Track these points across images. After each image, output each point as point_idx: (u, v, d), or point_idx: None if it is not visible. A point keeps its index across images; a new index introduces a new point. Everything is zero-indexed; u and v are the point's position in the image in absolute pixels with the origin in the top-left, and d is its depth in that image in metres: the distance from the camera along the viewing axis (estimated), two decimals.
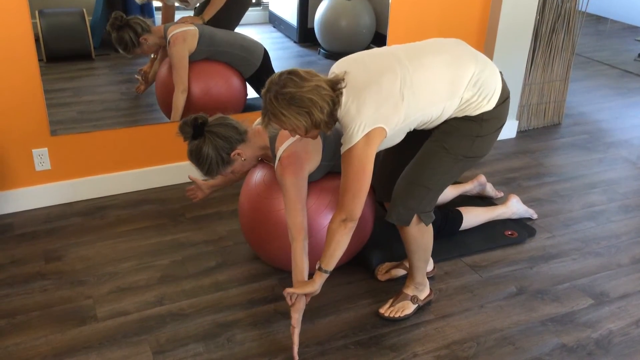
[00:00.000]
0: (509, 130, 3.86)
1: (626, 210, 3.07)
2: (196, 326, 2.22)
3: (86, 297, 2.35)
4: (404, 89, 1.90)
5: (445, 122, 2.05)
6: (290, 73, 1.85)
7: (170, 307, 2.31)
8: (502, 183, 3.29)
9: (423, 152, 2.08)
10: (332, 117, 1.90)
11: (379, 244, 2.59)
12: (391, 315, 2.27)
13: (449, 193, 2.93)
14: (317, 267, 2.03)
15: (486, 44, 3.59)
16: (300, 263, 2.06)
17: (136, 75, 3.07)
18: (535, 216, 2.95)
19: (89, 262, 2.56)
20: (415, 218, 2.11)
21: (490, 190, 3.09)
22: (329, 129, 1.92)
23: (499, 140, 3.80)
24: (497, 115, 2.05)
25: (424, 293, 2.32)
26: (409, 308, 2.28)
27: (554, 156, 3.66)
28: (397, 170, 2.19)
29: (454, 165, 2.07)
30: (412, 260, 2.24)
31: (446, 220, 2.67)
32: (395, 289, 2.41)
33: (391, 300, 2.31)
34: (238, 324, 2.24)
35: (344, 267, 2.51)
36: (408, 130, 2.03)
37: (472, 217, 2.77)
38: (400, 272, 2.47)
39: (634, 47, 6.02)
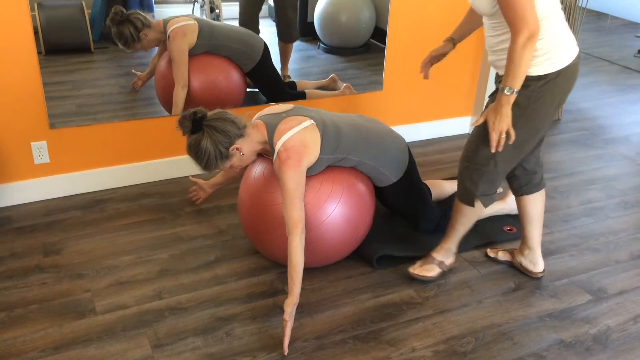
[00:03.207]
0: None
1: (625, 207, 3.07)
2: (195, 320, 2.22)
3: (85, 290, 2.36)
4: None
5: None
6: None
7: (169, 300, 2.31)
8: None
9: (475, 129, 2.15)
10: None
11: (379, 237, 2.59)
12: (416, 273, 2.43)
13: (448, 188, 2.93)
14: (503, 91, 1.95)
15: None
16: (295, 257, 2.06)
17: (133, 70, 3.07)
18: None
19: (87, 255, 2.56)
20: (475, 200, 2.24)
21: None
22: None
23: None
24: (550, 88, 2.03)
25: (449, 260, 2.46)
26: (434, 271, 2.44)
27: (552, 152, 3.66)
28: None
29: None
30: (454, 223, 2.37)
31: (445, 216, 2.67)
32: (396, 283, 2.41)
33: (419, 262, 2.47)
34: (237, 317, 2.24)
35: (343, 262, 2.51)
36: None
37: None
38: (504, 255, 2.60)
39: (634, 43, 6.02)
